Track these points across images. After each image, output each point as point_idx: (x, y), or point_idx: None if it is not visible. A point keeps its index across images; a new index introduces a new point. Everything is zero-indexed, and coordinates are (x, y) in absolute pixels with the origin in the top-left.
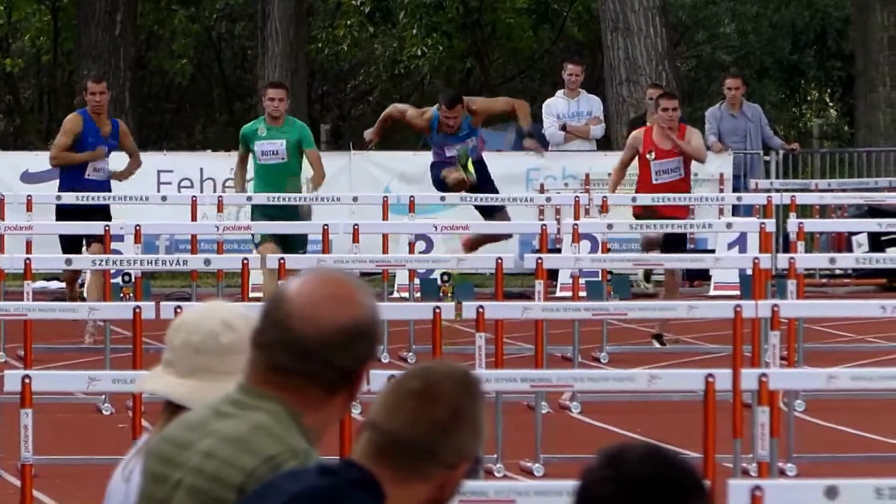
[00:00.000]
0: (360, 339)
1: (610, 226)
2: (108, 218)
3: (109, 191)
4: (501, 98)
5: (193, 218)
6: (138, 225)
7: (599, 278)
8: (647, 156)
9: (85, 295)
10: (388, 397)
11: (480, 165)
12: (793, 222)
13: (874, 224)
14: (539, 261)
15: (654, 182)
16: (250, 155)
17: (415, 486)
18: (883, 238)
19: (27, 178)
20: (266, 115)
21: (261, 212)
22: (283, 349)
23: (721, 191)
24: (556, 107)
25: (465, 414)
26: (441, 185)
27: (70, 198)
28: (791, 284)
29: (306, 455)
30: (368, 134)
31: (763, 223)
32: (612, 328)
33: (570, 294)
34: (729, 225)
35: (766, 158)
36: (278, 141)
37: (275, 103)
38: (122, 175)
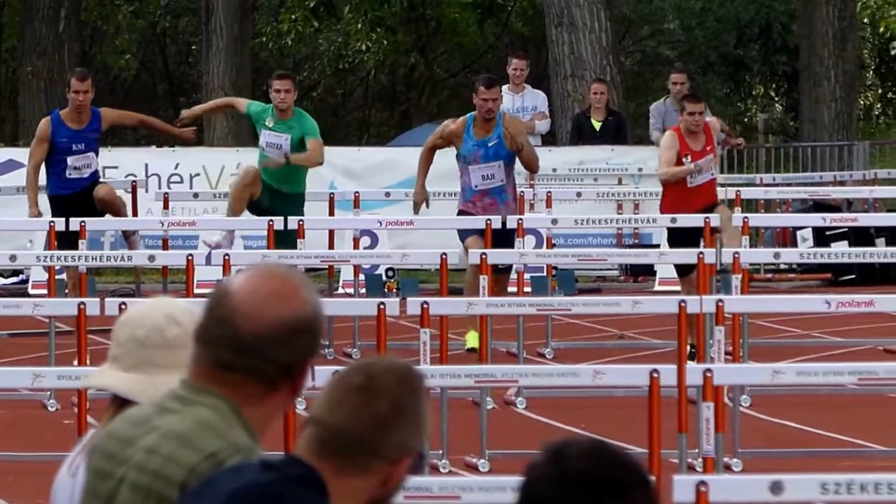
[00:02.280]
0: (302, 334)
1: (554, 221)
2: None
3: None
4: (525, 133)
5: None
6: (83, 221)
7: (544, 274)
8: (684, 159)
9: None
10: (330, 392)
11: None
12: (737, 217)
13: (819, 219)
14: (484, 256)
15: (689, 185)
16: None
17: (357, 480)
18: (827, 233)
19: None
20: (273, 106)
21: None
22: (225, 345)
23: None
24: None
25: (406, 408)
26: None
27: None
28: (736, 279)
29: (249, 451)
30: (417, 195)
31: (708, 218)
32: (557, 323)
33: (514, 289)
34: (674, 220)
35: None
36: (284, 135)
37: (281, 95)
38: (182, 132)
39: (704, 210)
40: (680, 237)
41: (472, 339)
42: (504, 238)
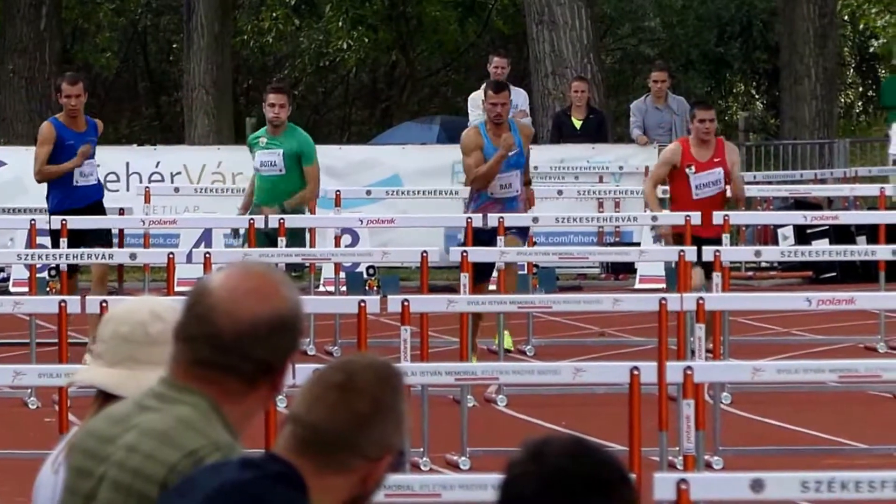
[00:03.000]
0: (281, 331)
1: (535, 219)
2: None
3: (102, 193)
4: (527, 163)
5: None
6: (64, 219)
7: (525, 271)
8: (687, 170)
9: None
10: (310, 390)
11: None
12: (718, 214)
13: (800, 216)
14: (464, 254)
15: (694, 198)
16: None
17: (337, 478)
18: (808, 231)
19: None
20: (266, 122)
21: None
22: (204, 343)
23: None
24: (481, 100)
25: (386, 406)
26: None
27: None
28: (717, 277)
29: (229, 448)
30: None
31: (689, 216)
32: (538, 321)
33: (495, 287)
34: (654, 218)
35: None
36: (276, 151)
37: (275, 110)
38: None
39: (719, 231)
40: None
41: (507, 341)
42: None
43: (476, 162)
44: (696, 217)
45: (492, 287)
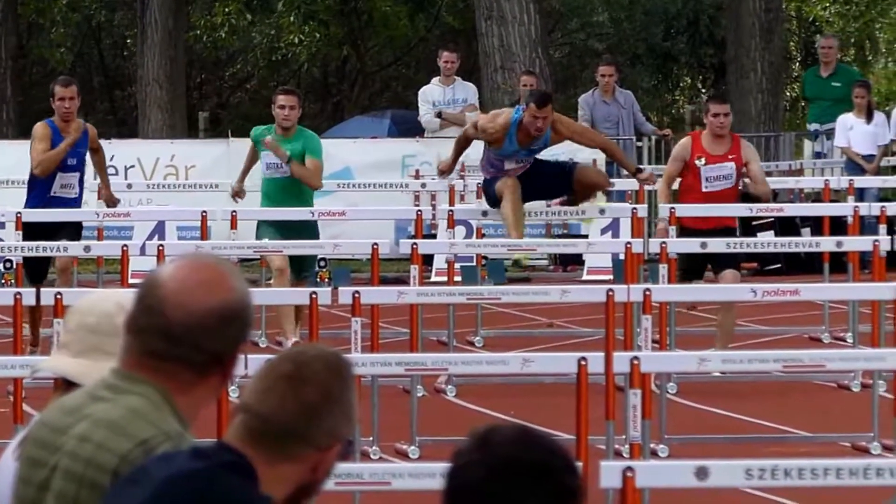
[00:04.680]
0: (231, 322)
1: (485, 213)
2: (78, 235)
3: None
4: (590, 130)
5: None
6: (19, 212)
7: (474, 263)
8: (697, 161)
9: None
10: (260, 380)
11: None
12: (664, 207)
13: (745, 209)
14: (414, 246)
15: (704, 190)
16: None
17: (287, 467)
18: (754, 223)
19: None
20: (276, 124)
21: (270, 228)
22: (155, 334)
23: None
24: (431, 94)
25: (335, 396)
26: (497, 202)
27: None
28: (663, 269)
29: (180, 438)
30: (443, 165)
31: (635, 208)
32: (487, 312)
33: (445, 279)
34: (602, 210)
35: (639, 144)
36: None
37: (285, 112)
38: (112, 199)
39: (721, 222)
40: (690, 258)
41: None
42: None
43: (468, 136)
44: (688, 209)
45: (440, 278)
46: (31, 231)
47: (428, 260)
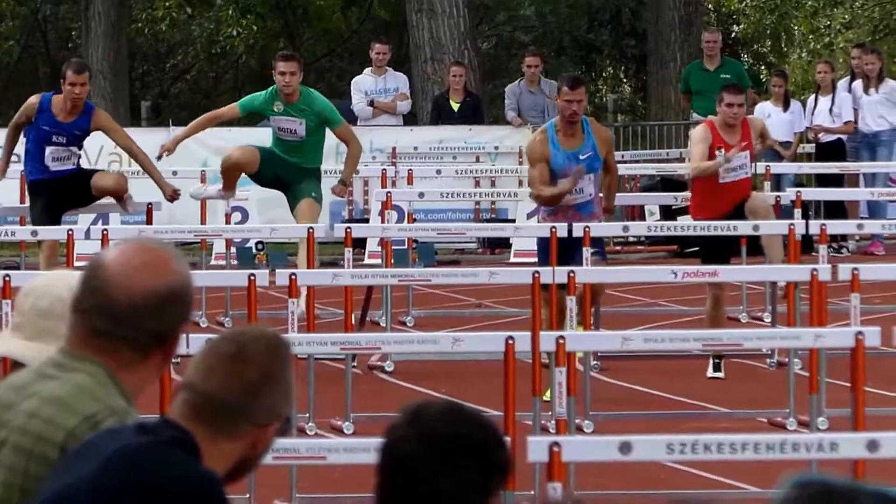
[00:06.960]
0: (172, 303)
1: (421, 194)
2: (88, 186)
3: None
4: (613, 157)
5: (22, 199)
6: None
7: (405, 246)
8: (717, 152)
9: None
10: (202, 359)
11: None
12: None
13: (670, 198)
14: (348, 230)
15: (721, 181)
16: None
17: (228, 443)
18: (673, 207)
19: None
20: (277, 90)
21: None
22: (99, 314)
23: (520, 163)
24: (363, 84)
25: (275, 375)
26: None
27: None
28: (587, 252)
29: (124, 414)
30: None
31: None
32: (418, 293)
33: (378, 261)
34: (529, 195)
35: None
36: (297, 120)
37: (286, 78)
38: (168, 191)
39: (736, 208)
40: (712, 244)
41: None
42: (570, 249)
43: (541, 175)
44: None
45: (373, 261)
46: (38, 191)
47: (361, 243)
